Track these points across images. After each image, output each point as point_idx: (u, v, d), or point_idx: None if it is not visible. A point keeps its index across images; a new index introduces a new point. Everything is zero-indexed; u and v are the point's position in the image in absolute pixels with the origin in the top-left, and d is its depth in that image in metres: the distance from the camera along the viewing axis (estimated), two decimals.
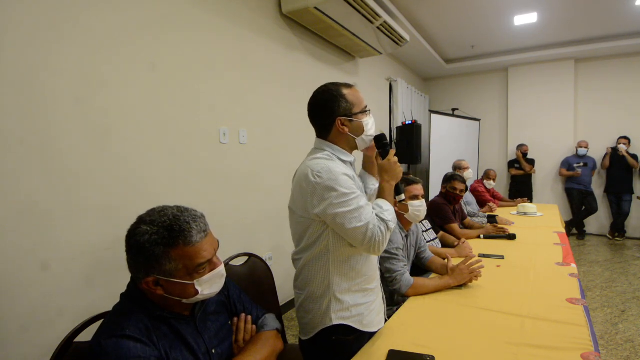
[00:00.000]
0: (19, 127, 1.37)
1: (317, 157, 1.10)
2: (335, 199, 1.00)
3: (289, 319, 2.78)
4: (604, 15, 4.13)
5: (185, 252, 0.81)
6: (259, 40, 2.62)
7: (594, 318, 2.66)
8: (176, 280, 0.82)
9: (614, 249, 4.71)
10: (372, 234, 1.01)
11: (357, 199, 1.02)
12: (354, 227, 1.00)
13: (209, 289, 0.87)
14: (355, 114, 1.12)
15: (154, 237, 0.80)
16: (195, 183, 2.12)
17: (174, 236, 0.81)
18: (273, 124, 2.77)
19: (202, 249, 0.84)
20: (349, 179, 1.04)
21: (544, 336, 1.14)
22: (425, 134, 5.18)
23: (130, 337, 0.76)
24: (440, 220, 2.61)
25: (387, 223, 1.04)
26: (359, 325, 1.12)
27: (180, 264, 0.81)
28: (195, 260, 0.82)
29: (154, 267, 0.80)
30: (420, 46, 4.78)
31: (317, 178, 1.02)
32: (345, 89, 1.13)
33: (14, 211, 1.36)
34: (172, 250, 0.80)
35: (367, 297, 1.16)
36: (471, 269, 1.59)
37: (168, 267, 0.80)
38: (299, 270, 1.17)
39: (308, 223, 1.09)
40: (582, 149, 5.23)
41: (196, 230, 0.84)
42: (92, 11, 1.61)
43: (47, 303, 1.44)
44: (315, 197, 1.02)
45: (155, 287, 0.82)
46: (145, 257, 0.80)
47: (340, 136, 1.13)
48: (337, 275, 1.10)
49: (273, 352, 0.98)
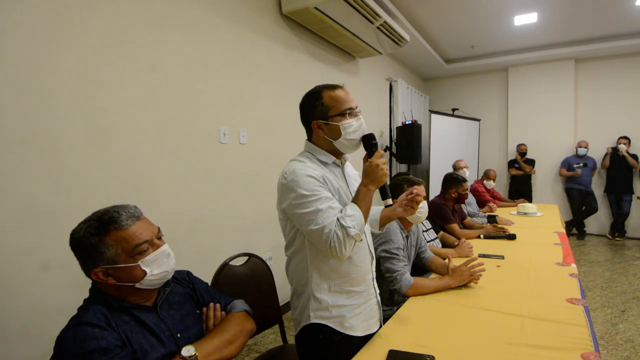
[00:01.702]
0: (19, 127, 1.38)
1: (295, 158, 1.14)
2: (294, 200, 1.02)
3: (289, 319, 2.78)
4: (604, 15, 4.13)
5: (119, 236, 0.85)
6: (259, 40, 2.62)
7: (594, 318, 2.66)
8: (121, 265, 0.84)
9: (614, 249, 4.71)
10: (328, 238, 0.98)
11: (317, 202, 1.00)
12: (310, 229, 1.00)
13: (157, 267, 0.88)
14: (331, 117, 1.09)
15: (88, 229, 0.84)
16: (195, 183, 2.12)
17: (104, 223, 0.85)
18: (273, 124, 2.76)
19: (135, 231, 0.87)
20: (314, 180, 1.02)
21: (544, 336, 1.14)
22: (425, 134, 5.18)
23: (87, 324, 0.79)
24: (440, 221, 2.61)
25: (346, 229, 0.97)
26: (339, 327, 1.10)
27: (119, 248, 0.84)
28: (131, 242, 0.85)
29: (96, 257, 0.83)
30: (420, 46, 4.78)
31: (283, 179, 1.06)
32: (328, 90, 1.11)
33: (14, 211, 1.36)
34: (106, 237, 0.84)
35: (351, 300, 1.13)
36: (472, 271, 1.58)
37: (108, 254, 0.84)
38: (286, 265, 1.21)
39: (285, 221, 1.13)
40: (581, 149, 5.23)
41: (125, 216, 0.87)
42: (92, 11, 1.61)
43: (47, 303, 1.44)
44: (280, 197, 1.08)
45: (105, 277, 0.85)
46: (85, 250, 0.84)
47: (319, 139, 1.14)
48: (316, 274, 1.10)
49: (241, 331, 0.99)
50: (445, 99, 6.54)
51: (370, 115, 4.42)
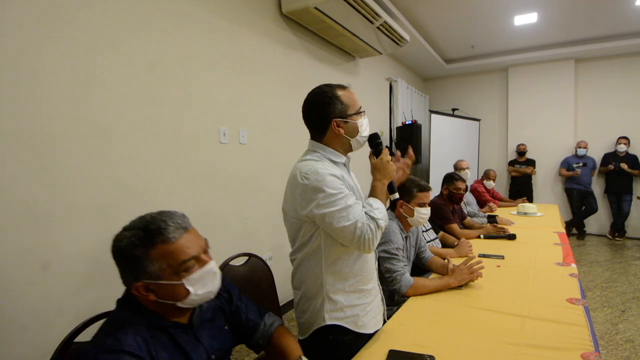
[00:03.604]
0: (18, 127, 1.37)
1: (306, 158, 1.12)
2: (322, 199, 1.01)
3: (289, 319, 2.78)
4: (604, 15, 4.13)
5: (166, 250, 0.79)
6: (259, 40, 2.62)
7: (594, 318, 2.66)
8: (164, 282, 0.79)
9: (614, 249, 4.71)
10: (361, 232, 1.02)
11: (345, 198, 1.03)
12: (343, 226, 1.01)
13: (202, 287, 0.83)
14: (350, 115, 1.13)
15: (132, 239, 0.78)
16: (195, 183, 2.12)
17: (151, 235, 0.79)
18: (273, 124, 2.77)
19: (183, 245, 0.81)
20: (337, 179, 1.05)
21: (544, 336, 1.14)
22: (425, 134, 5.18)
23: (128, 353, 0.73)
24: (440, 221, 2.61)
25: (377, 221, 1.04)
26: (354, 327, 1.12)
27: (164, 263, 0.79)
28: (178, 258, 0.79)
29: (139, 270, 0.78)
30: (420, 46, 4.78)
31: (305, 180, 1.04)
32: (340, 90, 1.14)
33: (14, 211, 1.36)
34: (152, 250, 0.78)
35: (363, 299, 1.16)
36: (471, 269, 1.59)
37: (152, 268, 0.78)
38: (295, 269, 1.19)
39: (299, 224, 1.11)
40: (581, 149, 5.23)
41: (173, 227, 0.81)
42: (91, 11, 1.61)
43: (47, 303, 1.45)
44: (303, 199, 1.04)
45: (146, 292, 0.80)
46: (128, 262, 0.79)
47: (334, 137, 1.14)
48: (330, 275, 1.10)
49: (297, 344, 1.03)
50: (445, 99, 6.54)
51: (370, 115, 4.39)
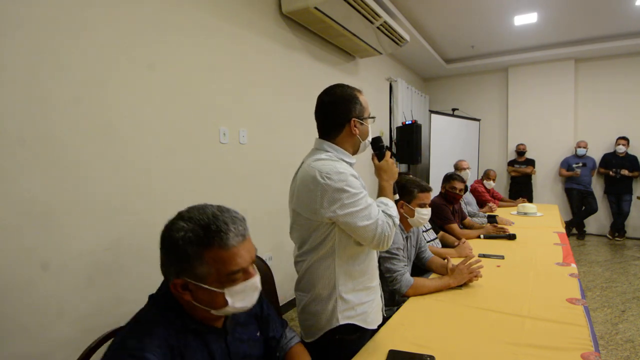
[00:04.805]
0: (20, 127, 1.37)
1: (321, 158, 1.10)
2: (347, 199, 1.02)
3: (289, 319, 2.78)
4: (604, 15, 4.13)
5: (220, 256, 0.75)
6: (259, 40, 2.62)
7: (594, 318, 2.66)
8: (206, 287, 0.75)
9: (614, 249, 4.71)
10: (382, 229, 1.06)
11: (365, 198, 1.06)
12: (365, 225, 1.04)
13: (240, 301, 0.79)
14: (364, 118, 1.16)
15: (189, 234, 0.74)
16: (195, 183, 2.12)
17: (210, 236, 0.75)
18: (273, 124, 2.76)
19: (237, 254, 0.77)
20: (356, 180, 1.07)
21: (544, 336, 1.14)
22: (425, 134, 5.18)
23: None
24: (440, 221, 2.61)
25: (393, 218, 1.10)
26: (363, 323, 1.14)
27: (213, 268, 0.75)
28: (228, 266, 0.76)
29: (185, 268, 0.75)
30: (420, 46, 4.78)
31: (327, 179, 1.02)
32: (358, 92, 1.17)
33: (15, 211, 1.36)
34: (206, 252, 0.74)
35: (370, 295, 1.18)
36: (471, 269, 1.59)
37: (199, 270, 0.75)
38: (303, 272, 1.16)
39: (315, 225, 1.09)
40: (581, 149, 5.23)
41: (234, 233, 0.77)
42: (93, 11, 1.61)
43: (47, 303, 1.44)
44: (325, 199, 1.02)
45: (183, 291, 0.76)
46: (177, 256, 0.75)
47: (348, 137, 1.15)
48: (343, 275, 1.11)
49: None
50: (445, 99, 6.54)
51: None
